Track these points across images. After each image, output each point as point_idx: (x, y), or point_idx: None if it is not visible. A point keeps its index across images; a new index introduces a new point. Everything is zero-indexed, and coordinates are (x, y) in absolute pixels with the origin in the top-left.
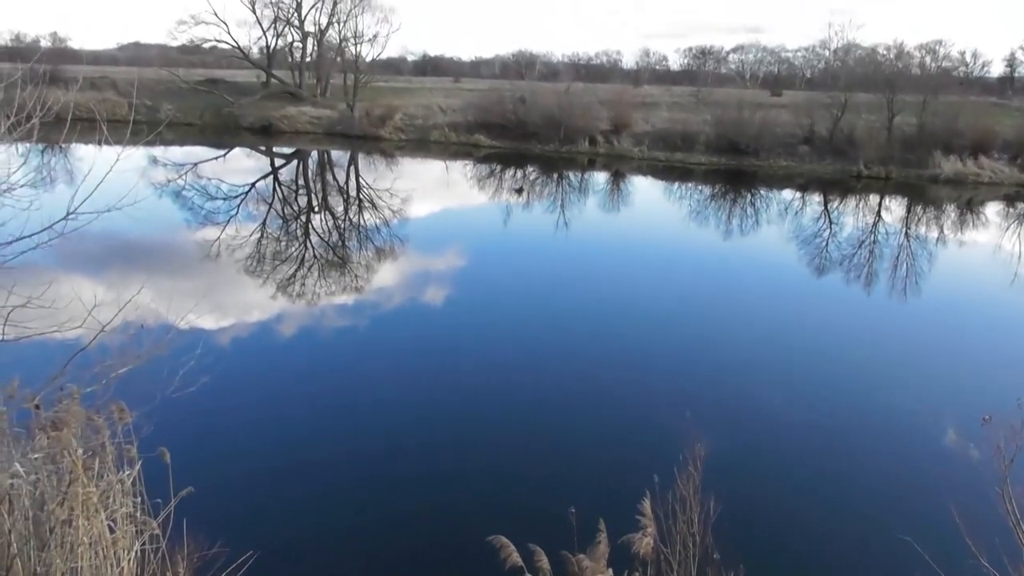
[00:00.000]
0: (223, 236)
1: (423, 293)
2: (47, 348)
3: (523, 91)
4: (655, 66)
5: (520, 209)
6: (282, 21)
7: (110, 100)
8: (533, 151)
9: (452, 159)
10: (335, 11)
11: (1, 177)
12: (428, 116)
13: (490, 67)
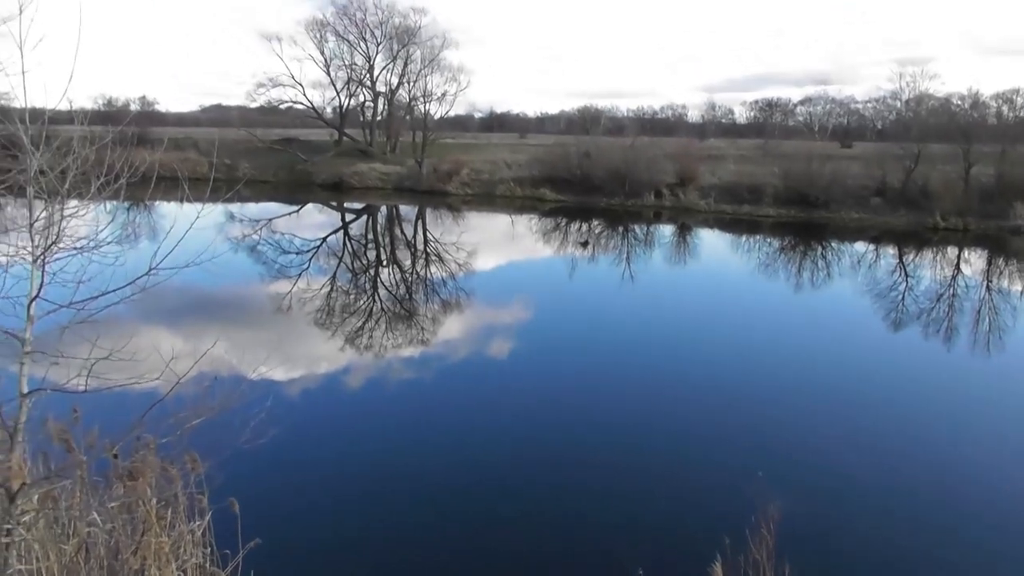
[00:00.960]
0: (295, 289)
1: (488, 346)
2: (126, 399)
3: (588, 145)
4: (721, 119)
5: (585, 262)
6: (355, 82)
7: (192, 159)
8: (598, 205)
9: (518, 213)
10: (406, 72)
11: (90, 235)
12: (494, 171)
13: (555, 123)
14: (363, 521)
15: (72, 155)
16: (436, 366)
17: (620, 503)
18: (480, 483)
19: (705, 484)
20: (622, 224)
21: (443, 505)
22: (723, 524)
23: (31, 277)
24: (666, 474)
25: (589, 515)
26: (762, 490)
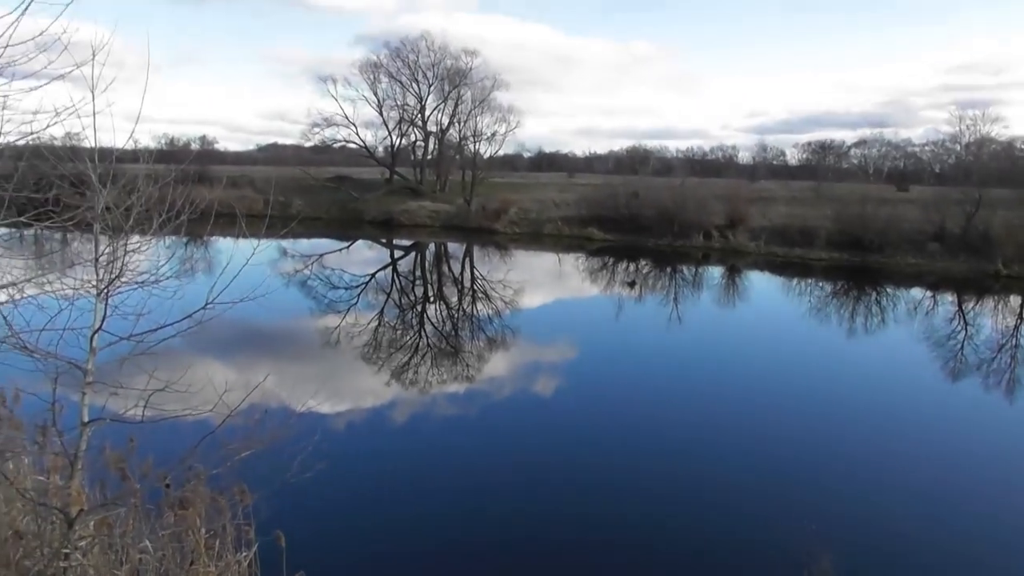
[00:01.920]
0: (343, 324)
1: (533, 384)
2: (180, 429)
3: (637, 185)
4: (772, 161)
5: (632, 302)
6: (406, 122)
7: (248, 197)
8: (646, 245)
9: (565, 252)
10: (456, 112)
11: (150, 269)
12: (542, 210)
13: (604, 162)
14: (407, 559)
15: (136, 193)
16: (481, 403)
17: (660, 552)
18: (523, 522)
19: (753, 537)
20: (670, 265)
21: (487, 543)
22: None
23: (95, 310)
24: (711, 525)
25: (629, 561)
26: (814, 544)
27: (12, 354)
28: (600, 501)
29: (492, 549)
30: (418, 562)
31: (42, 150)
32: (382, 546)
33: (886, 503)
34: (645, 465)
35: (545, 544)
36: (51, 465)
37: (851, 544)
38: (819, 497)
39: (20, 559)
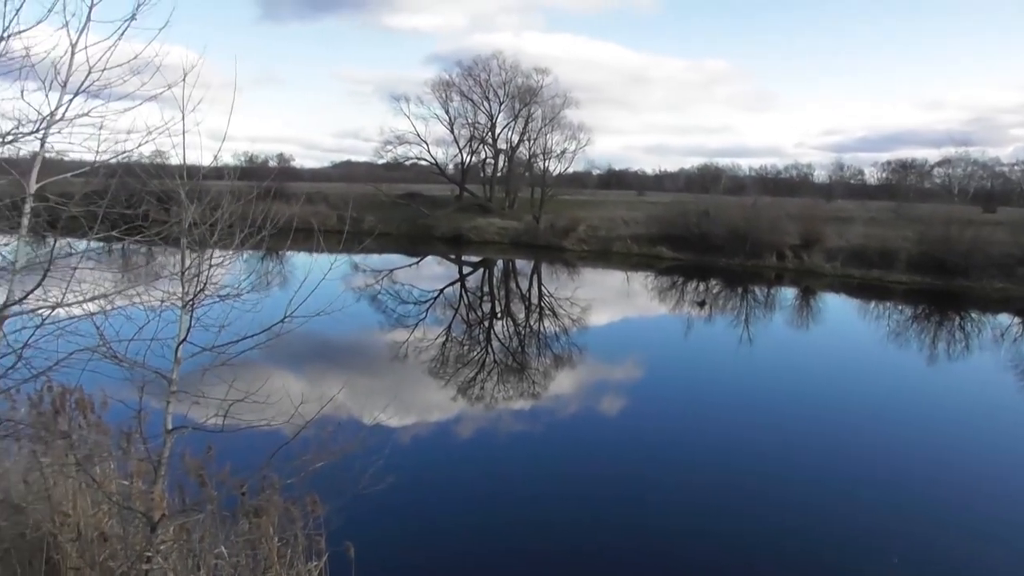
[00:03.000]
0: (411, 338)
1: (599, 402)
2: (256, 439)
3: (708, 204)
4: (850, 180)
5: (701, 322)
6: (477, 140)
7: (322, 212)
8: (717, 264)
9: (633, 270)
10: (527, 130)
11: (232, 283)
12: (611, 228)
13: (674, 180)
14: (471, 569)
15: (221, 209)
16: (546, 420)
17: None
18: (585, 540)
19: (831, 569)
20: (741, 285)
21: (551, 559)
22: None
23: (179, 321)
24: (781, 554)
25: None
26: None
27: (102, 363)
28: (664, 524)
29: (558, 568)
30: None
31: (135, 168)
32: (448, 561)
33: (974, 539)
34: (710, 489)
35: (605, 561)
36: (135, 470)
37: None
38: (899, 529)
39: (105, 560)
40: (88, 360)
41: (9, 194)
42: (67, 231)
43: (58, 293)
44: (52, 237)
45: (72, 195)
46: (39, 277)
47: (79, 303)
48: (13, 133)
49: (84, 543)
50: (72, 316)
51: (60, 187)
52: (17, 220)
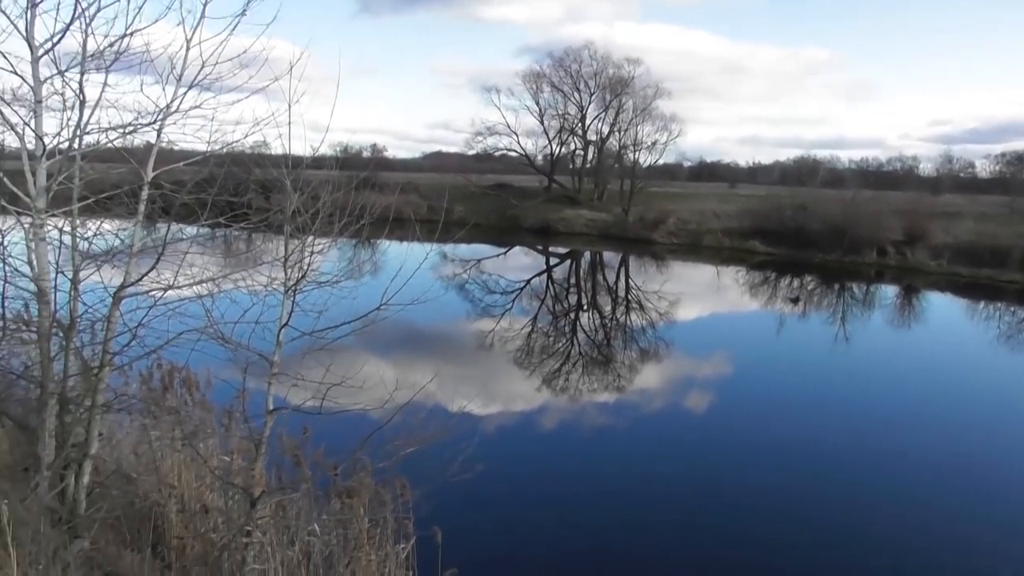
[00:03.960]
0: (497, 328)
1: (685, 397)
2: (349, 422)
3: (804, 197)
4: (959, 173)
5: (795, 319)
6: (567, 131)
7: (413, 202)
8: (812, 260)
9: (724, 264)
10: (617, 121)
11: (331, 270)
12: (701, 221)
13: (768, 173)
14: (554, 564)
15: (323, 197)
16: (630, 414)
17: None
18: (668, 533)
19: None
20: (838, 281)
21: (634, 554)
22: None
23: (282, 306)
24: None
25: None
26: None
27: (208, 343)
28: (744, 528)
29: (639, 559)
30: (564, 568)
31: (242, 158)
32: (530, 552)
33: None
34: (797, 497)
35: (683, 559)
36: (235, 447)
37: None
38: (1009, 552)
39: (206, 532)
40: (196, 340)
41: (128, 182)
42: (178, 217)
43: (169, 276)
44: (165, 223)
45: (183, 183)
46: (152, 261)
47: (188, 285)
48: (133, 124)
49: (188, 514)
50: (182, 298)
51: (172, 175)
52: (135, 206)
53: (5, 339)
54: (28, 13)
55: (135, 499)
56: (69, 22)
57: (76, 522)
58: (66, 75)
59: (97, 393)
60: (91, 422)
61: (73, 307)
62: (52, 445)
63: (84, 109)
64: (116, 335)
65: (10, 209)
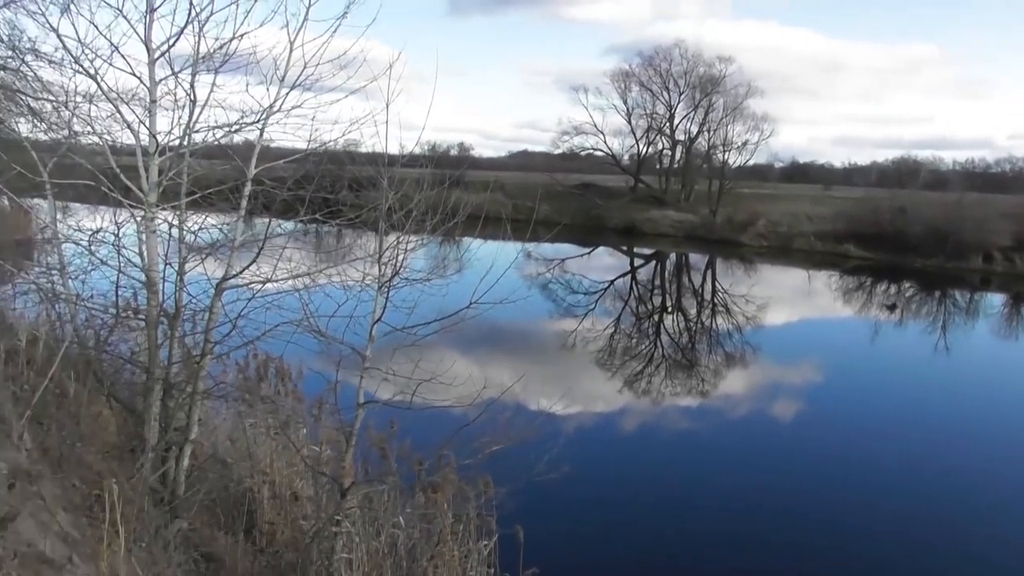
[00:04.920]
0: (580, 328)
1: (770, 405)
2: (436, 418)
3: (904, 200)
4: None
5: (891, 327)
6: (654, 131)
7: (498, 201)
8: (911, 266)
9: (816, 269)
10: (706, 120)
11: (422, 267)
12: (793, 223)
13: (865, 175)
14: (634, 568)
15: (417, 196)
16: (714, 420)
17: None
18: (748, 542)
19: None
20: (939, 289)
21: (715, 564)
22: None
23: (375, 301)
24: None
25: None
26: None
27: (302, 335)
28: (832, 537)
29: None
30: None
31: (340, 156)
32: (612, 554)
33: None
34: (893, 512)
35: (768, 568)
36: (324, 438)
37: None
38: None
39: (296, 519)
40: (293, 333)
41: (231, 178)
42: (276, 213)
43: (268, 269)
44: (265, 218)
45: (282, 180)
46: (252, 255)
47: (285, 279)
48: (238, 123)
49: (279, 501)
50: (279, 291)
51: (271, 172)
52: (237, 202)
53: (117, 326)
54: (146, 18)
55: (229, 483)
56: (183, 26)
57: (176, 503)
58: (179, 76)
59: (198, 380)
60: (192, 407)
61: (178, 297)
62: (156, 428)
63: (194, 108)
64: (217, 325)
65: (124, 203)
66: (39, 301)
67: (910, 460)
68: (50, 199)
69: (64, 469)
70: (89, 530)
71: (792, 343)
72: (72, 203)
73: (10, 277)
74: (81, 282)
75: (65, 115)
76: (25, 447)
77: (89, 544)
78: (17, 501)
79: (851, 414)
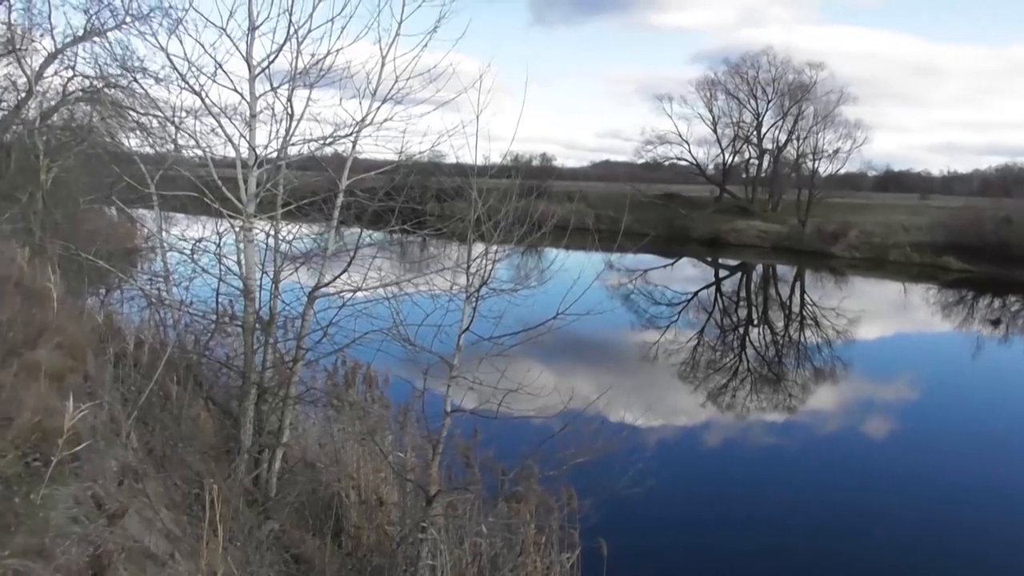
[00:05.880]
0: (662, 340)
1: (862, 425)
2: (520, 428)
3: (1009, 209)
4: None
5: (994, 344)
6: (740, 139)
7: (580, 211)
8: (1017, 278)
9: (912, 281)
10: (795, 128)
11: (507, 277)
12: (887, 234)
13: (966, 183)
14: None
15: (504, 207)
16: (801, 437)
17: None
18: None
19: None
20: None
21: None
22: None
23: (463, 311)
24: None
25: None
26: None
27: (389, 343)
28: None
29: None
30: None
31: (428, 167)
32: (697, 571)
33: None
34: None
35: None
36: (409, 444)
37: None
38: None
39: (381, 524)
40: (381, 341)
41: (324, 189)
42: (367, 223)
43: (358, 278)
44: (353, 228)
45: (372, 191)
46: (342, 264)
47: (374, 288)
48: (332, 136)
49: (365, 506)
50: (368, 299)
51: (361, 183)
52: (329, 212)
53: (216, 332)
54: (248, 36)
55: (318, 487)
56: (282, 43)
57: (268, 504)
58: (277, 91)
59: (290, 385)
60: (284, 412)
61: (273, 304)
62: (250, 431)
63: (291, 122)
64: (309, 332)
65: (224, 213)
66: (145, 306)
67: (1016, 487)
68: (156, 210)
69: (167, 468)
70: (189, 528)
71: (887, 359)
72: (172, 213)
73: (119, 283)
74: (185, 289)
75: (170, 130)
76: (132, 446)
77: (189, 541)
78: (125, 497)
79: (954, 435)
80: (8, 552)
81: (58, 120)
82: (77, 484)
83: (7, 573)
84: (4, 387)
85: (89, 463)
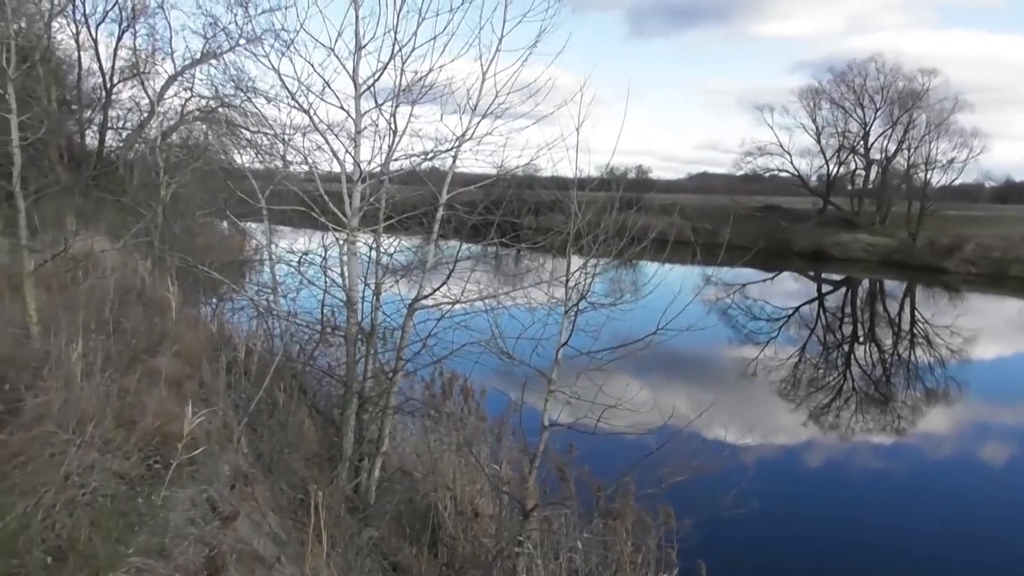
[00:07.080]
0: (762, 357)
1: (979, 449)
2: (617, 444)
3: None
4: None
5: None
6: (846, 150)
7: (677, 224)
8: None
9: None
10: (906, 138)
11: (601, 292)
12: (1008, 248)
13: None
14: None
15: (604, 220)
16: (911, 460)
17: None
18: None
19: None
20: None
21: None
22: None
23: (561, 325)
24: None
25: None
26: None
27: (486, 355)
28: None
29: None
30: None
31: (528, 180)
32: None
33: None
34: None
35: None
36: (505, 457)
37: None
38: None
39: (476, 536)
40: (479, 353)
41: (424, 203)
42: (467, 236)
43: (456, 291)
44: (451, 241)
45: (472, 204)
46: (441, 276)
47: (472, 300)
48: (434, 151)
49: (462, 517)
50: (467, 312)
51: (460, 197)
52: (429, 225)
53: (321, 342)
54: (355, 55)
55: (415, 496)
56: (387, 61)
57: (368, 512)
58: (381, 108)
59: (390, 395)
60: (384, 421)
61: (374, 316)
62: (351, 439)
63: (394, 138)
64: (408, 343)
65: (329, 226)
66: (254, 316)
67: None
68: (266, 223)
69: (274, 474)
70: (294, 532)
71: (1006, 381)
72: (280, 226)
73: (230, 294)
74: (292, 300)
75: (279, 147)
76: (242, 451)
77: (293, 546)
78: (237, 501)
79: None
80: (132, 550)
81: (176, 138)
82: (194, 487)
83: (131, 570)
84: (129, 392)
85: (205, 467)
